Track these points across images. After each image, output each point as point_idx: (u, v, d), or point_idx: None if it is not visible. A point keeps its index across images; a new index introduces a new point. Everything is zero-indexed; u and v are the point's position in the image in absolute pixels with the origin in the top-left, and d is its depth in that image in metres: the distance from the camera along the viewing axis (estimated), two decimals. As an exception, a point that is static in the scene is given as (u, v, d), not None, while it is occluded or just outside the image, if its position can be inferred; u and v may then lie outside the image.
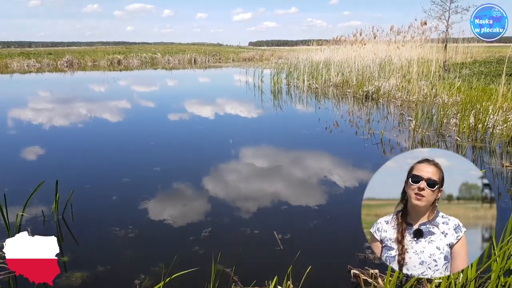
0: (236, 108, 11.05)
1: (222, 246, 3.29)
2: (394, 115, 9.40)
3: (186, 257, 3.14)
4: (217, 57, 38.25)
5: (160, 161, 5.85)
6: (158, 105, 11.88)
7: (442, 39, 15.78)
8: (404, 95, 11.16)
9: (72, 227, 3.78)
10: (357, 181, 5.02)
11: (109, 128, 8.53)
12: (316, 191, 4.73)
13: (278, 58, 30.39)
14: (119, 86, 17.41)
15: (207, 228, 3.68)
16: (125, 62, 33.37)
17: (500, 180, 4.84)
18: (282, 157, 6.29)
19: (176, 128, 8.63)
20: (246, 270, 2.99)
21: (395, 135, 7.41)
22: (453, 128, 7.61)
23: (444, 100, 9.89)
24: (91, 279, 2.84)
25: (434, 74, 12.20)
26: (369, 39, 15.67)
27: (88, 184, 4.89)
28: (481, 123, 7.08)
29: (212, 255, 2.94)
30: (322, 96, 12.92)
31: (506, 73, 10.23)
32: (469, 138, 6.83)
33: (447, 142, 6.80)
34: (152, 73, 25.74)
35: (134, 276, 2.83)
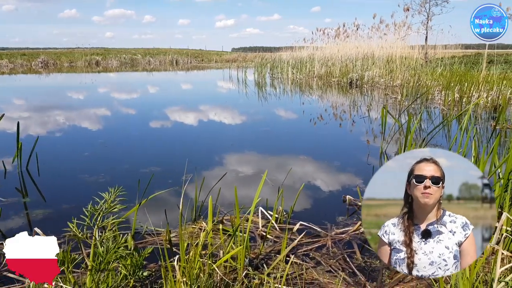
0: (222, 101, 11.01)
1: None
2: (379, 96, 9.53)
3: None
4: (200, 59, 38.03)
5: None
6: (143, 103, 11.75)
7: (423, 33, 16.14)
8: (388, 81, 11.31)
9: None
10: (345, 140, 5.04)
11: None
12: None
13: (262, 59, 30.37)
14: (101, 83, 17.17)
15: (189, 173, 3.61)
16: (104, 63, 32.56)
17: (489, 132, 4.99)
18: (271, 140, 6.28)
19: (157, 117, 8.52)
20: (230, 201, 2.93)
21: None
22: (438, 102, 7.81)
23: (427, 83, 10.07)
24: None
25: (416, 62, 12.42)
26: (352, 31, 15.88)
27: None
28: (465, 97, 7.29)
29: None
30: (306, 86, 12.97)
31: (486, 61, 10.51)
32: (454, 108, 7.00)
33: (433, 112, 7.01)
34: (134, 74, 25.44)
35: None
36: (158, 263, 2.10)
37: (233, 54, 40.93)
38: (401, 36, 14.31)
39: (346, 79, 12.42)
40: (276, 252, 2.27)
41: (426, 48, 15.59)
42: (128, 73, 23.27)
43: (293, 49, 20.34)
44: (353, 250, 2.31)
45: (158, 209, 2.85)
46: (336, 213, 2.84)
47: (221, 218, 2.71)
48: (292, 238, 2.42)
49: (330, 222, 2.68)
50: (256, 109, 8.24)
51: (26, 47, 45.27)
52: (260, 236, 2.47)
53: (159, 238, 2.42)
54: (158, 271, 2.02)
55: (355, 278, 2.01)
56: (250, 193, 3.23)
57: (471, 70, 11.35)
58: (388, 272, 2.06)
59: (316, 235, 2.50)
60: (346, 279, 2.00)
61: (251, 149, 4.83)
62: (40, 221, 2.73)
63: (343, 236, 2.48)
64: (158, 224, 2.58)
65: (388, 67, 12.57)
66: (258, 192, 2.11)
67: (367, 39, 15.76)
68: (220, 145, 5.05)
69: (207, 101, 9.81)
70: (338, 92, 10.97)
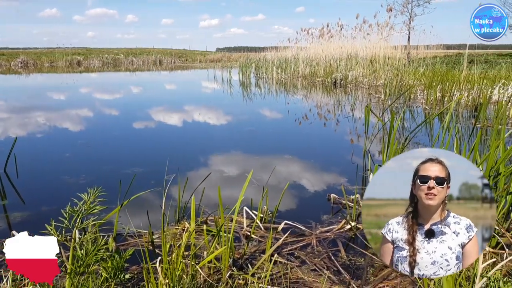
0: (206, 101, 10.96)
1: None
2: (362, 96, 9.60)
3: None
4: (184, 58, 37.74)
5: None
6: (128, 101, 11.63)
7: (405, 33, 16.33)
8: (371, 81, 11.40)
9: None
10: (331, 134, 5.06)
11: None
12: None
13: (246, 59, 30.25)
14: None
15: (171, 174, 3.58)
16: (86, 63, 32.01)
17: (470, 130, 5.14)
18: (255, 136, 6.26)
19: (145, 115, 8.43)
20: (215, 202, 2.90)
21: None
22: (421, 101, 7.92)
23: (410, 82, 10.19)
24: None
25: (399, 62, 12.55)
26: (335, 32, 15.97)
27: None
28: (447, 96, 7.39)
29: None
30: (291, 86, 12.99)
31: (466, 60, 10.68)
32: (436, 107, 7.09)
33: (415, 111, 7.10)
34: (117, 74, 25.14)
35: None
36: (140, 265, 2.06)
37: (218, 54, 40.77)
38: (384, 36, 14.45)
39: (330, 79, 12.49)
40: (261, 252, 2.25)
41: (408, 48, 15.77)
42: (111, 73, 22.98)
43: (278, 49, 20.35)
44: (338, 249, 2.30)
45: (140, 211, 2.81)
46: (320, 212, 2.84)
47: (205, 218, 2.68)
48: (277, 238, 2.40)
49: (315, 221, 2.68)
50: (241, 109, 8.21)
51: (5, 47, 44.25)
52: (244, 236, 2.45)
53: (141, 239, 2.38)
54: (140, 273, 1.98)
55: (340, 276, 2.01)
56: (235, 193, 3.20)
57: (453, 69, 11.52)
58: (372, 270, 2.06)
59: (301, 234, 2.49)
60: (331, 278, 1.99)
61: (235, 149, 4.81)
62: (19, 224, 2.67)
63: (327, 235, 2.47)
64: (140, 226, 2.54)
65: (372, 67, 12.68)
66: (243, 191, 2.09)
67: (350, 39, 15.88)
68: (204, 145, 5.01)
69: (191, 101, 9.75)
70: (322, 92, 11.01)
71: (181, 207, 2.71)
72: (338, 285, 1.93)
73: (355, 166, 3.99)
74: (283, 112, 7.64)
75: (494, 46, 26.00)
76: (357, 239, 2.43)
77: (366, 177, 3.58)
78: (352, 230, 2.52)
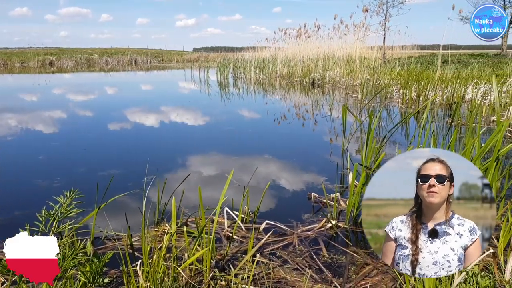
0: (184, 101, 10.87)
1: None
2: (340, 95, 9.70)
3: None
4: (160, 58, 37.33)
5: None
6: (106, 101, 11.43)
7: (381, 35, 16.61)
8: (348, 80, 11.53)
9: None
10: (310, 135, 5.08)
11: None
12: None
13: (224, 59, 30.11)
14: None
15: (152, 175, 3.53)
16: (58, 63, 31.21)
17: (445, 128, 5.16)
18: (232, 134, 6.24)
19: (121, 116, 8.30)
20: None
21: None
22: (397, 100, 8.04)
23: (386, 82, 10.35)
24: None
25: (375, 62, 12.74)
26: (312, 32, 16.11)
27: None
28: (422, 95, 7.54)
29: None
30: (269, 86, 13.02)
31: (440, 60, 10.93)
32: (412, 106, 7.21)
33: (391, 110, 7.21)
34: (91, 74, 24.65)
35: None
36: (119, 269, 2.01)
37: (195, 54, 40.54)
38: (360, 37, 14.63)
39: (308, 79, 12.57)
40: (243, 253, 2.23)
41: (384, 48, 16.04)
42: (85, 73, 22.55)
43: (256, 49, 20.38)
44: (319, 247, 2.31)
45: (118, 213, 2.75)
46: (301, 211, 2.84)
47: (185, 220, 2.64)
48: (259, 238, 2.39)
49: (296, 220, 2.68)
50: (219, 110, 8.17)
51: (-26, 47, 42.75)
52: (226, 237, 2.43)
53: (120, 242, 2.33)
54: (120, 277, 1.94)
55: (322, 274, 2.01)
56: (214, 194, 3.18)
57: (427, 69, 11.77)
58: (354, 268, 2.07)
59: (283, 233, 2.48)
60: (313, 276, 1.99)
61: (214, 149, 4.78)
62: (-10, 229, 2.57)
63: (309, 234, 2.47)
64: (119, 229, 2.49)
65: (349, 67, 12.82)
66: (224, 192, 2.07)
67: (327, 39, 16.04)
68: (183, 146, 4.96)
69: (169, 102, 9.65)
70: (300, 92, 11.07)
71: (160, 209, 2.67)
72: (320, 283, 1.93)
73: (334, 165, 4.01)
74: (262, 112, 7.64)
75: (467, 47, 26.72)
76: (338, 238, 2.44)
77: (345, 176, 3.60)
78: (333, 228, 2.53)
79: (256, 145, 5.02)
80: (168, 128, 6.10)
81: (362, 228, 2.56)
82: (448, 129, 5.28)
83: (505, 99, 6.63)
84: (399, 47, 17.72)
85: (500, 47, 21.01)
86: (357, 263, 2.12)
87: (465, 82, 8.08)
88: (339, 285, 1.91)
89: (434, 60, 14.37)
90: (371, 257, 2.18)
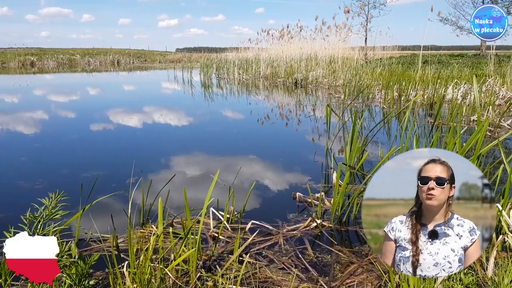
0: (168, 102, 10.80)
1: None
2: (323, 96, 9.79)
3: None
4: (143, 59, 37.00)
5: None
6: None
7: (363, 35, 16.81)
8: (331, 81, 11.63)
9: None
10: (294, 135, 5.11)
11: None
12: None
13: (207, 59, 29.99)
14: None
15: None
16: (40, 64, 30.66)
17: (429, 128, 5.29)
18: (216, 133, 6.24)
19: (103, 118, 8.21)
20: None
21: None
22: (379, 100, 8.15)
23: (368, 83, 10.47)
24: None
25: (357, 62, 12.88)
26: (295, 33, 16.20)
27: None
28: (404, 95, 7.66)
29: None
30: (253, 87, 13.04)
31: (421, 61, 11.11)
32: (394, 106, 7.32)
33: (373, 110, 7.31)
34: (73, 75, 24.26)
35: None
36: (105, 271, 2.00)
37: (178, 55, 40.28)
38: (342, 38, 14.77)
39: (291, 79, 12.64)
40: (229, 253, 2.24)
41: (365, 49, 16.23)
42: (67, 74, 22.21)
43: (239, 49, 20.39)
44: (305, 246, 2.33)
45: (103, 215, 2.72)
46: (287, 211, 2.86)
47: (171, 221, 2.63)
48: (245, 238, 2.40)
49: (282, 220, 2.69)
50: (203, 110, 8.16)
51: (-49, 47, 41.56)
52: (212, 237, 2.43)
53: (105, 244, 2.31)
54: (105, 279, 1.92)
55: (308, 274, 2.03)
56: (199, 195, 3.18)
57: (408, 70, 11.94)
58: (339, 266, 2.10)
59: (268, 233, 2.50)
60: (299, 276, 2.01)
61: (199, 150, 4.77)
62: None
63: (294, 233, 2.49)
64: (104, 231, 2.47)
65: (331, 68, 12.93)
66: (210, 192, 2.08)
67: (310, 40, 16.14)
68: (167, 147, 4.94)
69: (152, 102, 9.58)
70: (284, 92, 11.12)
71: (146, 210, 2.66)
72: (307, 282, 1.95)
73: (318, 165, 4.05)
74: (246, 112, 7.65)
75: (447, 47, 27.23)
76: (323, 237, 2.47)
77: (329, 175, 3.64)
78: (318, 227, 2.56)
79: (240, 146, 5.03)
80: (152, 129, 6.07)
81: (347, 227, 2.60)
82: (431, 129, 5.39)
83: (485, 98, 6.78)
84: (381, 47, 17.96)
85: (479, 48, 21.46)
86: (342, 262, 2.15)
87: (446, 82, 8.24)
88: (325, 284, 1.93)
89: (415, 60, 14.61)
90: (356, 256, 2.21)
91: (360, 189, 2.82)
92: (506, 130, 5.39)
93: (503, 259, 2.04)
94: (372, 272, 2.02)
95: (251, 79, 14.82)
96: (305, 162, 4.26)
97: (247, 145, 5.04)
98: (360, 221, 2.69)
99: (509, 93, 7.87)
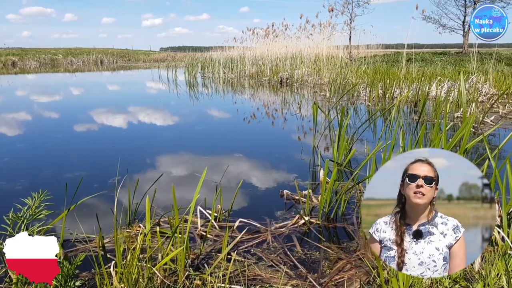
0: (152, 102, 10.71)
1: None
2: (308, 94, 9.82)
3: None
4: (126, 58, 36.62)
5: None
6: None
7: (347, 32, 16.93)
8: (316, 79, 11.69)
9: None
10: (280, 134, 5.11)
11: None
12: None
13: (192, 58, 29.84)
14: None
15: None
16: (21, 64, 30.12)
17: (413, 125, 5.40)
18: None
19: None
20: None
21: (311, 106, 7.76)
22: (364, 98, 8.21)
23: (352, 81, 10.54)
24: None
25: (341, 61, 12.96)
26: (280, 31, 16.23)
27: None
28: (388, 93, 7.73)
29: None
30: (238, 86, 13.01)
31: (405, 59, 11.24)
32: (379, 104, 7.39)
33: (359, 108, 7.37)
34: (55, 75, 23.87)
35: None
36: (91, 271, 1.96)
37: (162, 54, 40.01)
38: (326, 36, 14.84)
39: (276, 78, 12.66)
40: (217, 251, 2.22)
41: (350, 47, 16.34)
42: (49, 74, 21.85)
43: (224, 48, 20.33)
44: (293, 244, 2.33)
45: (88, 215, 2.68)
46: (274, 208, 2.85)
47: (158, 220, 2.61)
48: (233, 236, 2.39)
49: (270, 218, 2.69)
50: (188, 109, 8.11)
51: None
52: (199, 236, 2.42)
53: (91, 244, 2.27)
54: (92, 279, 1.89)
55: (297, 270, 2.03)
56: (186, 194, 3.15)
57: (392, 67, 12.07)
58: (328, 263, 2.10)
59: (256, 231, 2.49)
60: (288, 273, 2.00)
61: (185, 149, 4.74)
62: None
63: (282, 230, 2.49)
64: (89, 231, 2.43)
65: (316, 66, 12.98)
66: (197, 190, 2.06)
67: (295, 39, 16.17)
68: (153, 146, 4.89)
69: (137, 102, 9.48)
70: (269, 91, 11.12)
71: (132, 209, 2.63)
72: (295, 279, 1.94)
73: (305, 162, 4.06)
74: (232, 111, 7.63)
75: (429, 45, 27.59)
76: (311, 234, 2.47)
77: (317, 173, 3.65)
78: (306, 224, 2.56)
79: (227, 144, 5.01)
80: (137, 129, 6.00)
81: (334, 224, 2.61)
82: (416, 126, 5.44)
83: (468, 95, 6.88)
84: (365, 46, 18.09)
85: (462, 46, 21.80)
86: (331, 258, 2.16)
87: (429, 79, 8.34)
88: (314, 281, 1.93)
89: (398, 58, 14.77)
90: (344, 252, 2.22)
91: (348, 185, 2.83)
92: (490, 126, 5.47)
93: (490, 253, 2.07)
94: (361, 268, 2.03)
95: (236, 78, 14.79)
96: (292, 160, 4.26)
97: (233, 144, 5.02)
98: (347, 217, 2.70)
99: (491, 90, 8.01)
